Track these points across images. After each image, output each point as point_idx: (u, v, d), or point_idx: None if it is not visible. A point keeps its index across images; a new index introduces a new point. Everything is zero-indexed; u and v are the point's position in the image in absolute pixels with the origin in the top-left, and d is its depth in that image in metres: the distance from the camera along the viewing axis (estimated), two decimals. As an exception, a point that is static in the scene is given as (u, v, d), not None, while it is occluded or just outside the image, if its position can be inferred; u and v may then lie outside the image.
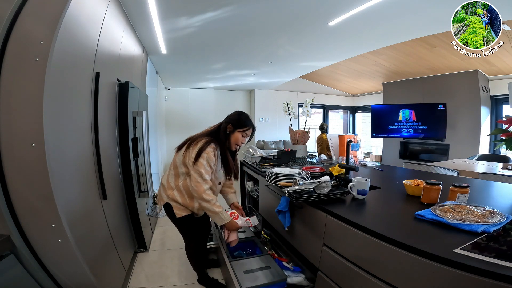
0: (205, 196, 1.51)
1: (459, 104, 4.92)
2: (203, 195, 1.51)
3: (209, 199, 1.52)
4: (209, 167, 1.53)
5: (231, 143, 1.65)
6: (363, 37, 3.41)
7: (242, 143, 1.66)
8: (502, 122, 1.29)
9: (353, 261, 1.08)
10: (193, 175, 1.52)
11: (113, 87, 1.95)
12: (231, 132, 1.63)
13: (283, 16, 2.77)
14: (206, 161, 1.51)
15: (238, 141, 1.64)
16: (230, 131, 1.63)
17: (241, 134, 1.63)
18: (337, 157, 2.49)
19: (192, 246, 1.78)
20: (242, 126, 1.63)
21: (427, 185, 1.22)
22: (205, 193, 1.51)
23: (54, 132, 1.15)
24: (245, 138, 1.65)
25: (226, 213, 1.61)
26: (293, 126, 2.88)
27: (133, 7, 2.40)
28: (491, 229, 0.88)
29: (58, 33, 1.13)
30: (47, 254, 1.20)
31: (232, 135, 1.63)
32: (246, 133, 1.64)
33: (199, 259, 1.82)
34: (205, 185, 1.51)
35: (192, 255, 1.81)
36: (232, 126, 1.63)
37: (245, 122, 1.64)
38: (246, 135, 1.65)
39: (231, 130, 1.63)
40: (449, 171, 2.53)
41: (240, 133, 1.63)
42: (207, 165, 1.52)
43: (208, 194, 1.52)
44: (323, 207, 1.28)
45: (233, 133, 1.63)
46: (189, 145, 1.60)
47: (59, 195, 1.15)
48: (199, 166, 1.51)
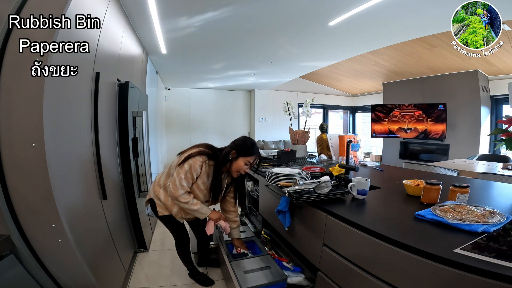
0: (180, 199, 1.51)
1: (459, 104, 4.92)
2: (178, 198, 1.51)
3: (185, 201, 1.52)
4: (190, 175, 1.51)
5: (232, 170, 1.59)
6: (363, 37, 3.42)
7: (244, 172, 1.59)
8: (502, 122, 1.29)
9: (353, 261, 1.08)
10: (174, 176, 1.52)
11: (113, 87, 1.95)
12: (233, 159, 1.56)
13: (283, 16, 2.77)
14: (189, 168, 1.50)
15: (240, 169, 1.56)
16: (233, 157, 1.56)
17: (244, 162, 1.55)
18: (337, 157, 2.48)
19: (178, 242, 1.83)
20: (246, 154, 1.55)
21: (427, 185, 1.22)
22: (180, 197, 1.51)
23: (54, 132, 1.15)
24: (248, 166, 1.58)
25: (206, 207, 1.61)
26: (293, 126, 2.87)
27: (133, 7, 2.40)
28: (491, 229, 0.88)
29: (58, 33, 1.13)
30: (47, 254, 1.20)
31: (234, 162, 1.56)
32: (249, 162, 1.56)
33: (186, 254, 1.86)
34: (181, 191, 1.50)
35: (180, 251, 1.85)
36: (235, 153, 1.56)
37: (250, 150, 1.56)
38: (250, 164, 1.57)
39: (234, 156, 1.56)
40: (449, 171, 2.53)
41: (243, 160, 1.55)
42: (188, 172, 1.50)
43: (183, 197, 1.51)
44: (323, 207, 1.28)
45: (236, 159, 1.56)
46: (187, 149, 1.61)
47: (59, 195, 1.15)
48: (181, 170, 1.50)
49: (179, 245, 1.84)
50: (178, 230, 1.78)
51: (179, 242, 1.83)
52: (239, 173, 1.59)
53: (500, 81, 4.71)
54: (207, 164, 1.56)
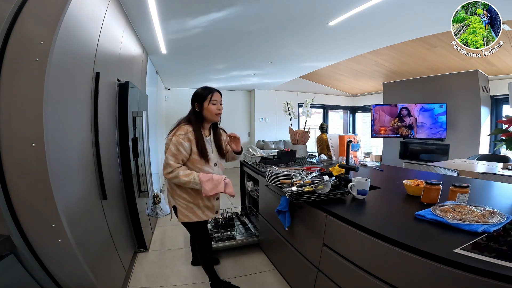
0: (167, 176, 1.56)
1: (459, 104, 4.92)
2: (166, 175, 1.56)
3: (172, 175, 1.54)
4: (178, 151, 1.54)
5: (209, 117, 1.63)
6: (363, 37, 3.41)
7: (219, 110, 1.63)
8: (502, 122, 1.29)
9: (353, 261, 1.08)
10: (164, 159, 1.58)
11: (113, 87, 1.95)
12: (200, 109, 1.62)
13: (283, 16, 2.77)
14: (175, 147, 1.54)
15: (213, 110, 1.61)
16: (198, 109, 1.62)
17: (211, 103, 1.61)
18: (337, 157, 2.49)
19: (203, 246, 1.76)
20: (205, 97, 1.61)
21: (427, 185, 1.22)
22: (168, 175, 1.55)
23: (54, 132, 1.15)
24: (217, 104, 1.62)
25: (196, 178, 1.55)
26: (293, 126, 2.88)
27: (133, 7, 2.40)
28: (491, 229, 0.88)
29: (58, 33, 1.13)
30: (47, 254, 1.20)
31: (204, 110, 1.61)
32: (214, 100, 1.61)
33: (210, 260, 1.80)
34: (169, 169, 1.54)
35: (203, 256, 1.78)
36: (198, 103, 1.62)
37: (204, 92, 1.62)
38: (216, 101, 1.62)
39: (199, 106, 1.62)
40: (449, 171, 2.53)
41: (209, 103, 1.60)
42: (175, 149, 1.53)
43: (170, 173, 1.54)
44: (323, 207, 1.28)
45: (202, 108, 1.61)
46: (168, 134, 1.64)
47: (59, 195, 1.15)
48: (168, 152, 1.55)
49: (204, 249, 1.75)
50: (201, 233, 1.73)
51: (204, 245, 1.75)
52: (216, 114, 1.63)
53: (500, 81, 4.71)
54: (191, 132, 1.58)
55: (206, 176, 1.56)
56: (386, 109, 5.64)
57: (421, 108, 5.27)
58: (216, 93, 1.63)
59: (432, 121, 5.17)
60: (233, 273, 2.03)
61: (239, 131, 7.62)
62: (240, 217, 2.87)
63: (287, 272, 1.84)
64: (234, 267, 2.12)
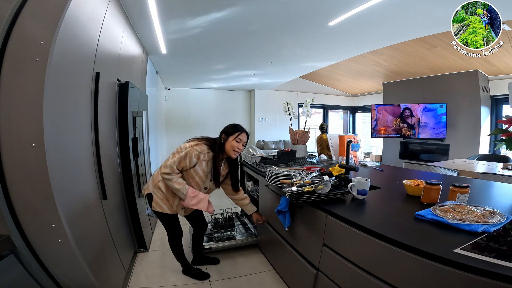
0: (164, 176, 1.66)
1: (459, 104, 4.92)
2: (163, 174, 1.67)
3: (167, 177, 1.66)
4: (184, 161, 1.67)
5: (227, 151, 1.76)
6: (363, 37, 3.42)
7: (238, 149, 1.76)
8: (502, 122, 1.29)
9: (353, 261, 1.08)
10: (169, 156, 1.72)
11: (113, 87, 1.95)
12: (225, 141, 1.76)
13: (283, 16, 2.77)
14: (185, 155, 1.66)
15: (234, 147, 1.75)
16: (224, 140, 1.76)
17: (235, 140, 1.74)
18: (337, 157, 2.49)
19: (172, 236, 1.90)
20: (234, 132, 1.76)
21: (427, 185, 1.22)
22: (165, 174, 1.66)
23: (54, 132, 1.15)
24: (240, 143, 1.76)
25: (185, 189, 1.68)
26: (293, 126, 2.87)
27: (133, 7, 2.40)
28: (491, 229, 0.88)
29: (58, 33, 1.13)
30: (47, 254, 1.20)
31: (226, 143, 1.75)
32: (239, 138, 1.75)
33: (180, 249, 1.95)
34: (168, 170, 1.66)
35: (173, 245, 1.93)
36: (225, 135, 1.77)
37: (236, 128, 1.77)
38: (240, 140, 1.76)
39: (225, 138, 1.76)
40: (449, 171, 2.53)
41: (234, 139, 1.74)
42: (183, 158, 1.66)
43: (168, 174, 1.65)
44: (323, 207, 1.28)
45: (227, 141, 1.75)
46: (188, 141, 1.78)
47: (59, 195, 1.15)
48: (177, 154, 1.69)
49: (173, 238, 1.90)
50: (172, 225, 1.85)
51: (173, 236, 1.89)
52: (234, 151, 1.75)
53: (500, 81, 4.71)
54: (206, 154, 1.72)
55: (194, 192, 1.70)
56: (389, 109, 5.64)
57: (424, 108, 5.26)
58: (243, 134, 1.78)
59: (436, 121, 5.16)
60: (233, 273, 2.03)
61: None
62: (240, 217, 2.87)
63: (286, 272, 1.84)
64: (234, 267, 2.12)
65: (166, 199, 1.76)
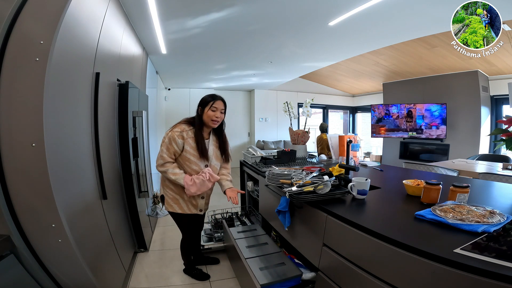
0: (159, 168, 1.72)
1: (459, 104, 4.92)
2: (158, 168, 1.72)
3: (162, 169, 1.71)
4: (171, 146, 1.69)
5: (206, 122, 1.74)
6: (363, 37, 3.41)
7: (216, 117, 1.73)
8: (502, 122, 1.29)
9: (353, 261, 1.08)
10: None
11: (113, 87, 1.95)
12: (202, 113, 1.74)
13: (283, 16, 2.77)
14: (169, 141, 1.68)
15: (211, 116, 1.72)
16: (201, 112, 1.75)
17: (210, 109, 1.72)
18: (337, 157, 2.48)
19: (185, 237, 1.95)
20: (208, 102, 1.73)
21: (427, 185, 1.22)
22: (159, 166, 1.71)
23: (54, 132, 1.15)
24: (216, 111, 1.73)
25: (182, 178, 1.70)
26: (293, 126, 2.87)
27: (133, 7, 2.40)
28: (491, 229, 0.88)
29: (58, 33, 1.13)
30: (47, 254, 1.20)
31: (204, 115, 1.74)
32: (214, 107, 1.72)
33: (189, 251, 2.01)
34: (160, 161, 1.70)
35: (184, 246, 1.98)
36: (201, 107, 1.76)
37: (208, 98, 1.75)
38: (216, 108, 1.73)
39: (201, 110, 1.75)
40: (449, 171, 2.53)
41: (209, 109, 1.72)
42: (169, 143, 1.68)
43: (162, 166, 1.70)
44: (323, 207, 1.28)
45: (203, 112, 1.74)
46: None
47: (59, 195, 1.15)
48: (163, 144, 1.72)
49: (186, 240, 1.95)
50: (184, 224, 1.87)
51: (186, 238, 1.94)
52: (213, 121, 1.74)
53: (500, 81, 4.71)
54: (188, 131, 1.73)
55: (190, 180, 1.70)
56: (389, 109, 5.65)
57: (424, 108, 5.26)
58: (218, 101, 1.74)
59: (436, 121, 5.16)
60: (232, 273, 2.03)
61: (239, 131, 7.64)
62: (240, 217, 2.86)
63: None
64: (234, 267, 2.12)
65: (176, 199, 1.78)
